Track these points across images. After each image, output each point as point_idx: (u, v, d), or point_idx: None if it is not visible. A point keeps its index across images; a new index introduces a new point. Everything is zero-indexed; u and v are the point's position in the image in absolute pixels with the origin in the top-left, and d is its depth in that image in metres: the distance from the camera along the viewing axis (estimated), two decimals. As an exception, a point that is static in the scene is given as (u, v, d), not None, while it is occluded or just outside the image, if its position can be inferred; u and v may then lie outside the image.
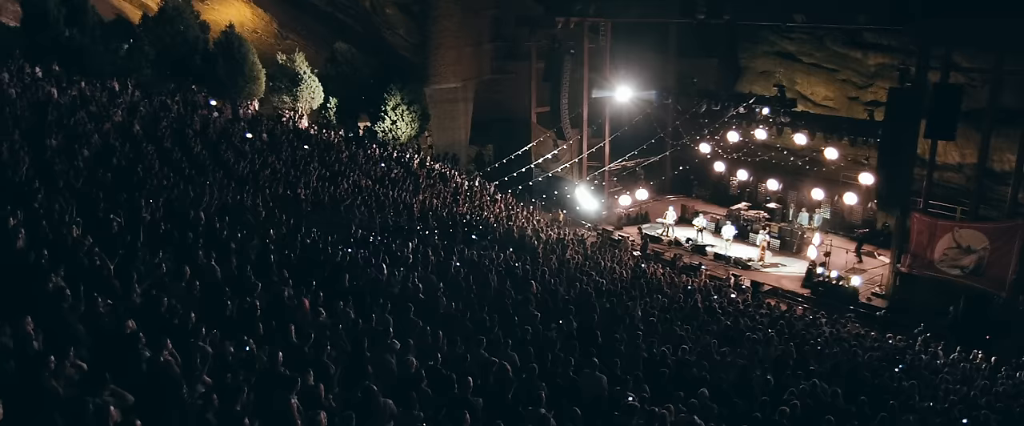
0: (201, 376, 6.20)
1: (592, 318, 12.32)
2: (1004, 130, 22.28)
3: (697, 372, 10.25)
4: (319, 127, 30.53)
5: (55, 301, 7.38)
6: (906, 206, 21.60)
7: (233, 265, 10.54)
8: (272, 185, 18.89)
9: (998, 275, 19.73)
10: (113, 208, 12.28)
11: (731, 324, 14.45)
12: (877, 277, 22.92)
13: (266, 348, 7.16)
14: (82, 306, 7.20)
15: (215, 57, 29.84)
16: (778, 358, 12.26)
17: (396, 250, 14.44)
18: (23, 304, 7.10)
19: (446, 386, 7.41)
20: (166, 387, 5.87)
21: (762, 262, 24.30)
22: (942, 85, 19.86)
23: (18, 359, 6.07)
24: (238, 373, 6.43)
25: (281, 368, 6.69)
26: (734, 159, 28.85)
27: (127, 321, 6.96)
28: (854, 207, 26.22)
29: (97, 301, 7.41)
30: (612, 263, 20.10)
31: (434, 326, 9.73)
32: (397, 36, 35.55)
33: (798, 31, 28.18)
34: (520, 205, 26.61)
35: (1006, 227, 20.12)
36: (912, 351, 15.36)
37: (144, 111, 22.87)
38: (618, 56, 29.45)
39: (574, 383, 8.72)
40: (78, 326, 6.90)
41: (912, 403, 10.66)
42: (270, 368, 6.69)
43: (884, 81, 26.31)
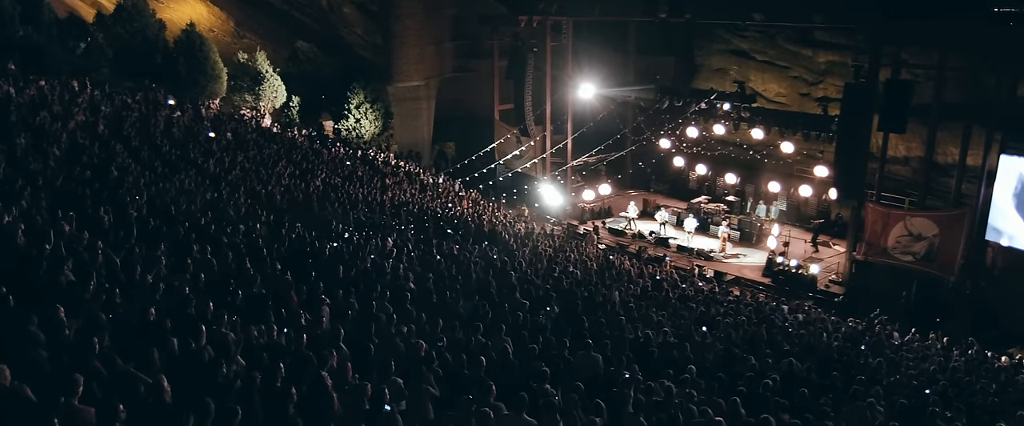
0: (235, 358, 6.47)
1: (575, 305, 12.79)
2: (948, 125, 23.39)
3: (680, 353, 10.78)
4: (282, 126, 30.47)
5: (69, 293, 7.56)
6: (861, 197, 22.55)
7: (230, 258, 10.72)
8: (245, 183, 18.97)
9: (947, 260, 20.81)
10: (98, 205, 12.33)
11: (704, 310, 15.04)
12: (834, 265, 23.91)
13: (283, 332, 7.43)
14: (103, 296, 7.37)
15: (176, 56, 29.61)
16: (751, 340, 12.87)
17: (378, 244, 14.70)
18: (37, 297, 7.28)
19: (458, 367, 7.77)
20: (202, 370, 6.13)
21: (723, 253, 25.09)
22: (893, 81, 20.82)
23: (50, 348, 6.26)
24: (267, 354, 6.70)
25: (306, 350, 6.98)
26: (693, 154, 29.67)
27: (149, 309, 7.16)
28: (809, 199, 27.21)
29: (115, 291, 7.59)
30: (581, 255, 20.61)
31: (430, 314, 10.07)
32: (355, 35, 35.59)
33: (752, 29, 29.02)
34: (486, 201, 26.99)
35: (954, 215, 21.21)
36: (871, 333, 16.15)
37: (106, 110, 22.68)
38: (580, 54, 30.02)
39: (570, 363, 9.16)
40: (101, 315, 7.08)
41: (878, 377, 11.34)
42: (297, 349, 6.98)
43: (834, 78, 27.35)
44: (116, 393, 5.06)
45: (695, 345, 11.48)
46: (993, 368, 14.66)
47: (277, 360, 6.46)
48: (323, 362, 6.68)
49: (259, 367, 6.28)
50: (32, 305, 6.89)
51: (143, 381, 5.50)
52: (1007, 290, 20.77)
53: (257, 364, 6.42)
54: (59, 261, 8.28)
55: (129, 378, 5.45)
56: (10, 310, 6.79)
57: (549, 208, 28.98)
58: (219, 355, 6.39)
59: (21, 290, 7.27)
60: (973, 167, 22.40)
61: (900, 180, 26.20)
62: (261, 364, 6.41)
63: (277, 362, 6.33)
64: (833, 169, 23.64)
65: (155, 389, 5.35)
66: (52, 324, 6.48)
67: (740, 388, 9.20)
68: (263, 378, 5.96)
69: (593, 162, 30.37)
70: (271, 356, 6.71)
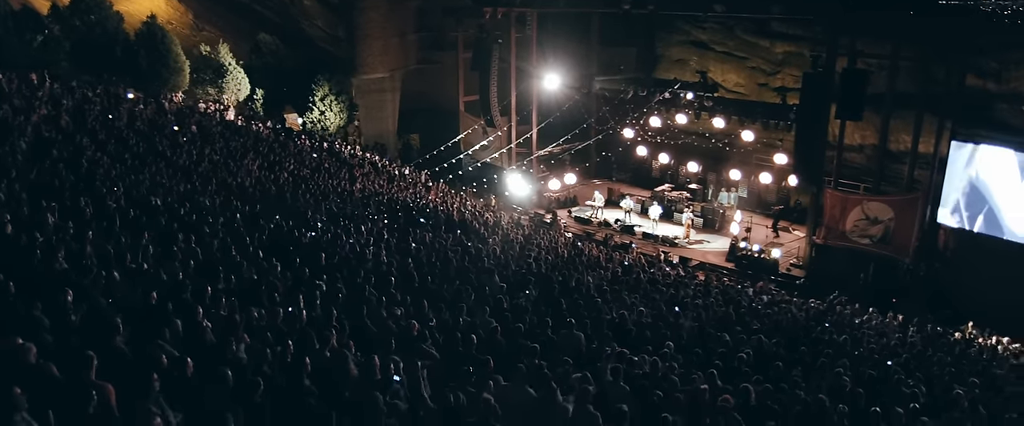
0: (241, 336, 6.67)
1: (552, 288, 13.14)
2: (900, 113, 24.25)
3: (656, 331, 11.20)
4: (246, 119, 30.32)
5: (67, 280, 7.68)
6: (820, 183, 23.29)
7: (215, 246, 10.85)
8: (215, 175, 18.96)
9: (902, 243, 21.65)
10: (76, 197, 12.34)
11: (673, 292, 15.50)
12: (794, 249, 24.66)
13: (286, 311, 7.65)
14: (103, 281, 7.51)
15: (137, 49, 29.26)
16: (721, 319, 13.35)
17: (354, 233, 14.89)
18: (35, 285, 7.39)
19: (451, 345, 8.06)
20: (209, 349, 6.33)
21: (688, 239, 25.68)
22: (850, 70, 21.53)
23: (55, 332, 6.40)
24: (271, 334, 6.92)
25: (308, 328, 7.21)
26: (656, 143, 30.22)
27: (151, 293, 7.33)
28: (769, 186, 27.93)
29: (113, 277, 7.73)
30: (551, 243, 20.97)
31: (415, 297, 10.34)
32: (316, 28, 35.47)
33: (711, 21, 29.57)
34: (453, 192, 27.23)
35: (908, 199, 22.07)
36: (833, 312, 16.80)
37: (67, 104, 22.44)
38: (544, 46, 30.34)
39: (554, 342, 9.50)
40: (102, 299, 7.22)
41: (843, 351, 11.90)
42: (300, 328, 7.20)
43: (791, 68, 28.07)
44: (141, 369, 5.25)
45: (669, 324, 11.93)
46: (948, 343, 15.40)
47: (282, 337, 6.68)
48: (325, 340, 6.92)
49: (265, 345, 6.50)
50: (32, 292, 7.01)
51: (168, 355, 5.69)
52: (958, 271, 21.72)
53: (262, 342, 6.64)
54: (52, 250, 8.36)
55: (153, 354, 5.63)
56: (11, 296, 6.90)
57: (516, 198, 29.30)
58: (226, 334, 6.59)
59: (19, 278, 7.38)
60: (925, 154, 23.30)
61: (856, 167, 27.04)
62: (266, 342, 6.63)
63: (284, 339, 6.56)
64: (792, 156, 24.35)
65: (179, 363, 5.56)
66: (58, 308, 6.61)
67: (716, 362, 9.62)
68: (274, 353, 6.18)
69: (558, 152, 30.76)
70: (275, 335, 6.93)
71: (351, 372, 6.32)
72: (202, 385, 5.35)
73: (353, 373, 6.25)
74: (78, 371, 4.99)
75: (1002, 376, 12.54)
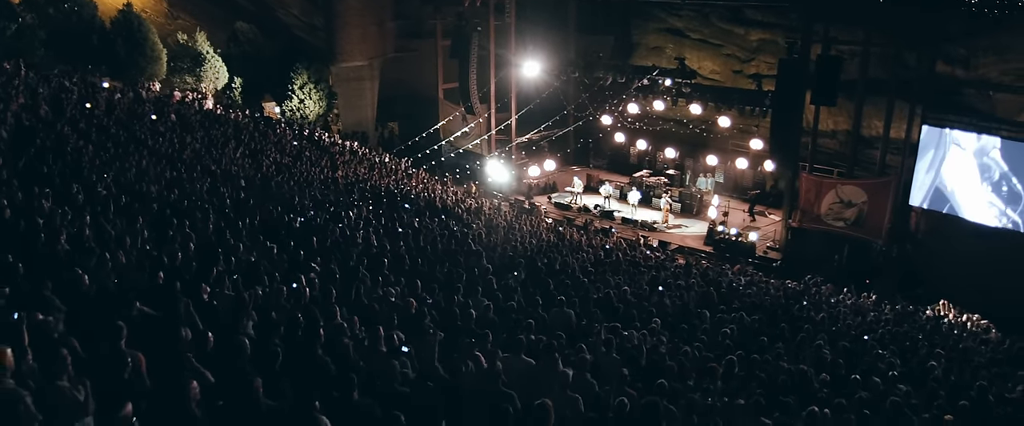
0: (250, 312, 6.88)
1: (538, 270, 13.44)
2: (873, 99, 24.80)
3: (642, 309, 11.55)
4: (225, 107, 30.22)
5: (72, 262, 7.83)
6: (796, 167, 23.80)
7: (210, 230, 11.01)
8: (200, 162, 19.00)
9: (875, 225, 22.23)
10: (67, 184, 12.40)
11: (655, 274, 15.88)
12: (771, 233, 25.18)
13: (290, 287, 7.87)
14: (109, 262, 7.67)
15: (113, 37, 29.03)
16: (703, 298, 13.74)
17: (342, 218, 15.06)
18: (40, 265, 7.53)
19: (449, 321, 8.32)
20: (222, 324, 6.54)
21: (666, 224, 26.10)
22: (824, 57, 22.00)
23: (70, 309, 6.57)
24: (275, 313, 7.14)
25: (313, 306, 7.44)
26: (634, 130, 30.60)
27: (157, 273, 7.51)
28: (745, 171, 28.44)
29: (118, 258, 7.89)
30: (532, 228, 21.27)
31: (409, 277, 10.58)
32: (291, 16, 35.35)
33: (686, 8, 29.97)
34: (435, 179, 27.41)
35: (881, 183, 22.64)
36: (809, 293, 17.27)
37: (44, 93, 22.30)
38: (523, 34, 30.54)
39: (545, 319, 9.79)
40: (112, 279, 7.40)
41: (822, 327, 12.33)
42: (305, 305, 7.43)
43: (765, 55, 28.55)
44: (164, 339, 5.45)
45: (654, 303, 12.28)
46: (920, 319, 15.93)
47: (287, 314, 6.90)
48: (330, 316, 7.15)
49: (273, 321, 6.72)
50: (40, 272, 7.15)
51: (191, 327, 5.90)
52: (929, 252, 22.39)
53: (269, 318, 6.86)
54: (54, 233, 8.49)
55: (176, 326, 5.83)
56: (20, 277, 7.04)
57: (496, 185, 29.55)
58: (236, 310, 6.80)
59: (24, 260, 7.52)
60: (896, 139, 23.87)
61: (829, 153, 27.59)
62: (273, 318, 6.85)
63: (290, 315, 6.79)
64: (768, 142, 24.82)
65: (201, 336, 5.76)
66: (67, 287, 6.77)
67: (702, 337, 9.98)
68: (285, 327, 6.41)
69: (537, 139, 31.03)
70: (279, 312, 7.15)
71: (361, 344, 6.55)
72: (224, 356, 5.56)
73: (363, 344, 6.49)
74: (111, 340, 5.19)
75: (972, 348, 13.06)
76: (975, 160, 21.79)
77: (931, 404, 8.11)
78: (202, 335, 5.83)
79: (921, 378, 9.42)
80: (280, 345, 5.89)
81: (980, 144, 21.66)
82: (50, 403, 4.23)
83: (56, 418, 4.18)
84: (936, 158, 22.51)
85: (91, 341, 5.43)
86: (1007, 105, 23.03)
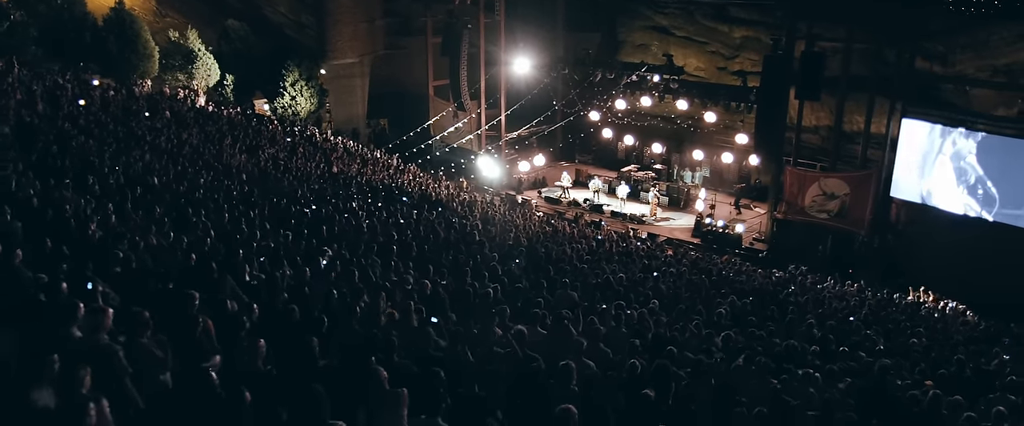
0: (282, 290, 7.34)
1: (538, 258, 13.95)
2: (854, 95, 25.47)
3: (637, 294, 12.09)
4: (217, 105, 30.48)
5: (106, 246, 8.25)
6: (780, 161, 24.48)
7: (226, 220, 11.43)
8: (200, 157, 19.36)
9: (858, 216, 22.96)
10: (81, 176, 12.76)
11: (647, 263, 16.45)
12: (756, 225, 25.88)
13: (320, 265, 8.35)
14: (141, 246, 8.10)
15: (106, 35, 29.21)
16: (695, 285, 14.32)
17: (345, 210, 15.51)
18: (79, 252, 7.95)
19: (464, 301, 8.81)
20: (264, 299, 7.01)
21: (654, 217, 26.72)
22: (808, 53, 22.67)
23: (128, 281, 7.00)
24: (308, 288, 7.61)
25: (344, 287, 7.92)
26: (622, 125, 31.17)
27: (190, 255, 7.95)
28: (731, 165, 29.11)
29: (150, 241, 8.32)
30: (525, 221, 21.78)
31: (418, 263, 11.05)
32: (279, 13, 35.64)
33: (671, 6, 30.58)
34: (427, 174, 27.85)
35: (862, 175, 23.37)
36: (796, 280, 17.91)
37: (39, 90, 22.54)
38: (512, 31, 31.04)
39: (549, 300, 10.30)
40: (147, 261, 7.83)
41: (808, 310, 12.94)
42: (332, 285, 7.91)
43: (749, 52, 29.21)
44: (215, 313, 5.92)
45: (648, 288, 12.83)
46: (901, 304, 16.62)
47: (321, 289, 7.38)
48: (357, 293, 7.63)
49: (308, 296, 7.20)
50: (79, 256, 7.57)
51: (236, 300, 6.36)
52: (910, 242, 23.13)
53: (302, 294, 7.33)
54: (84, 220, 8.90)
55: (222, 300, 6.28)
56: (66, 257, 7.46)
57: (487, 180, 30.04)
58: (271, 287, 7.26)
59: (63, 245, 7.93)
60: (877, 134, 24.58)
61: (812, 148, 28.28)
62: (307, 294, 7.33)
63: (326, 289, 7.26)
64: (753, 136, 25.48)
65: (247, 308, 6.22)
66: (108, 270, 7.19)
67: (698, 317, 10.53)
68: (322, 303, 6.88)
69: (526, 135, 31.55)
70: (311, 289, 7.62)
71: (393, 318, 7.02)
72: (272, 324, 6.02)
73: (395, 318, 6.96)
74: (183, 306, 5.67)
75: (950, 328, 13.73)
76: (952, 164, 22.50)
77: (913, 372, 8.71)
78: (247, 306, 6.28)
79: (904, 353, 10.03)
80: (323, 314, 6.36)
81: (956, 149, 22.39)
82: (136, 357, 4.68)
83: (143, 370, 4.63)
84: (927, 162, 23.20)
85: (153, 309, 5.87)
86: (984, 100, 23.81)
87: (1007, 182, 21.44)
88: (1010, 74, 23.15)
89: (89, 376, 3.77)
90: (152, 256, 8.00)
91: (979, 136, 21.93)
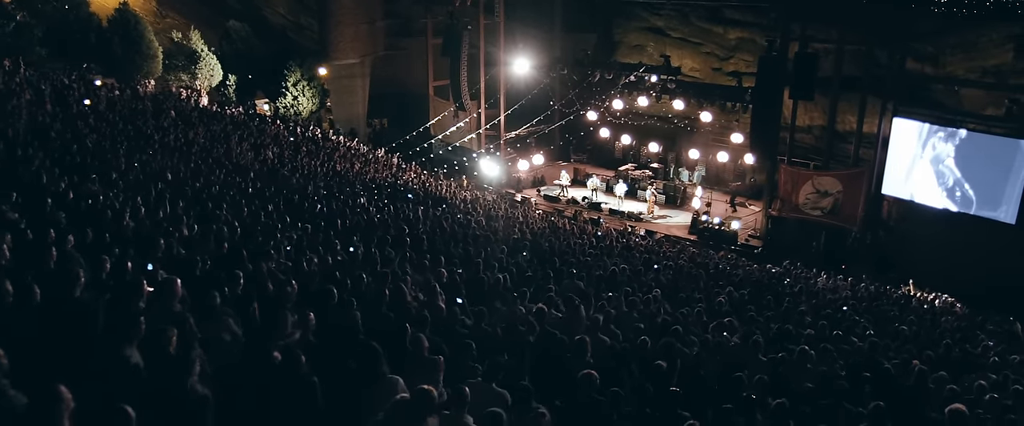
0: (315, 275, 7.85)
1: (544, 251, 14.47)
2: (846, 96, 26.06)
3: (640, 284, 12.62)
4: (220, 104, 30.92)
5: (141, 234, 8.73)
6: (775, 159, 25.07)
7: (245, 213, 11.92)
8: (211, 154, 19.81)
9: (850, 213, 23.57)
10: (104, 170, 13.23)
11: (648, 257, 16.96)
12: (751, 222, 26.48)
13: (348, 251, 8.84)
14: (176, 235, 8.60)
15: (110, 35, 29.62)
16: (693, 277, 14.85)
17: (355, 205, 16.00)
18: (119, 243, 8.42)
19: (479, 288, 9.32)
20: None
21: (652, 214, 27.29)
22: (801, 54, 23.25)
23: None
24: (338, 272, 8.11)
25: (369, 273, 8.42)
26: (619, 125, 31.73)
27: (223, 243, 8.44)
28: (726, 164, 29.67)
29: (182, 230, 8.81)
30: (526, 217, 22.30)
31: (431, 255, 11.54)
32: (278, 14, 36.14)
33: (667, 8, 31.13)
34: (428, 173, 28.35)
35: (854, 173, 23.99)
36: (791, 274, 18.49)
37: (47, 90, 22.97)
38: (512, 32, 31.55)
39: (557, 290, 10.81)
40: (180, 250, 8.32)
41: (802, 299, 13.49)
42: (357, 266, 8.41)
43: (743, 53, 29.77)
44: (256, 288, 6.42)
45: (650, 278, 13.36)
46: (892, 295, 17.19)
47: (349, 276, 7.88)
48: (382, 278, 8.12)
49: (339, 280, 7.70)
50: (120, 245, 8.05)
51: (273, 281, 6.85)
52: (901, 238, 23.73)
53: (334, 277, 7.84)
54: (119, 212, 9.37)
55: (263, 282, 6.78)
56: (106, 245, 7.93)
57: (487, 178, 30.54)
58: (297, 273, 7.76)
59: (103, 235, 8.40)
60: (869, 133, 25.17)
61: (805, 147, 28.86)
62: (338, 278, 7.82)
63: (354, 274, 7.76)
64: (748, 136, 26.05)
65: (288, 281, 6.72)
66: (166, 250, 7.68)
67: (699, 305, 11.06)
68: (350, 287, 7.38)
69: (525, 135, 32.07)
70: (341, 272, 8.11)
71: (420, 299, 7.53)
72: (311, 301, 6.51)
73: (420, 299, 7.46)
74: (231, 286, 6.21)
75: (939, 316, 14.30)
76: (932, 168, 23.09)
77: (901, 351, 9.26)
78: (283, 284, 6.77)
79: (893, 337, 10.58)
80: (354, 295, 6.87)
81: (936, 153, 22.95)
82: (204, 325, 5.17)
83: (210, 336, 5.12)
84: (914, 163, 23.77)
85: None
86: (973, 100, 24.41)
87: (983, 184, 22.03)
88: (998, 75, 23.73)
89: (176, 336, 4.26)
90: (186, 246, 8.48)
91: (957, 140, 22.48)
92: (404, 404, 4.24)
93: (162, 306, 5.19)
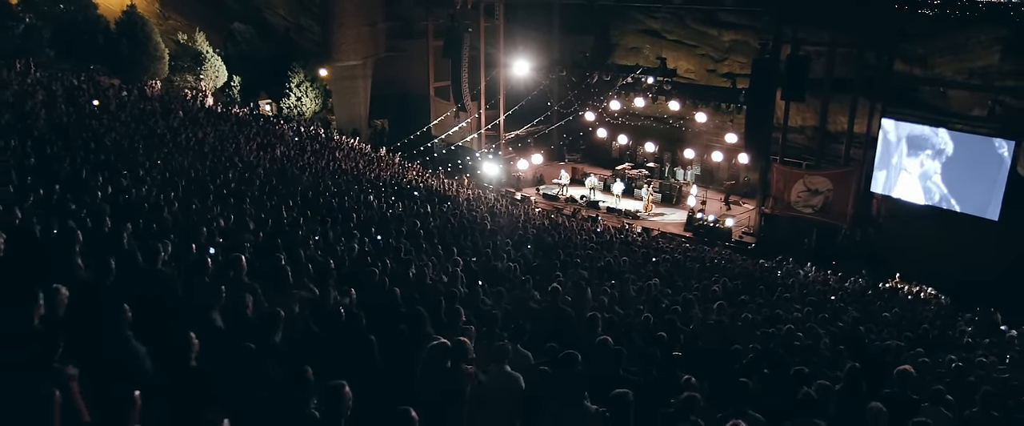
0: (344, 260, 8.55)
1: (548, 244, 15.18)
2: (837, 97, 26.80)
3: (640, 274, 13.34)
4: (225, 105, 31.55)
5: (179, 224, 9.41)
6: (768, 159, 25.83)
7: (268, 207, 12.60)
8: (222, 153, 20.44)
9: (840, 211, 24.34)
10: (131, 168, 13.89)
11: (645, 251, 17.69)
12: (745, 219, 27.24)
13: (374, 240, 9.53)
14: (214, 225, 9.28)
15: (118, 37, 30.23)
16: (690, 271, 15.58)
17: (366, 201, 16.68)
18: (154, 232, 9.09)
19: (491, 276, 10.02)
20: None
21: (648, 212, 28.04)
22: (793, 57, 23.98)
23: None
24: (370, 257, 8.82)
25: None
26: (616, 125, 32.47)
27: (259, 233, 9.13)
28: (721, 163, 30.44)
29: (218, 221, 9.50)
30: (527, 214, 23.02)
31: (444, 246, 12.25)
32: (278, 16, 36.79)
33: (663, 10, 31.84)
34: (430, 172, 29.05)
35: (844, 172, 24.74)
36: (783, 268, 19.24)
37: (58, 91, 23.58)
38: (512, 35, 32.27)
39: (563, 277, 11.53)
40: (218, 238, 9.00)
41: (793, 290, 14.23)
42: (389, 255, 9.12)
43: (737, 55, 30.49)
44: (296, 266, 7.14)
45: (649, 270, 14.08)
46: (880, 289, 17.95)
47: (380, 258, 8.59)
48: (406, 264, 8.83)
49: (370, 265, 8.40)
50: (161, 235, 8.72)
51: (313, 263, 7.56)
52: (889, 235, 24.52)
53: (365, 263, 8.54)
54: (158, 204, 10.05)
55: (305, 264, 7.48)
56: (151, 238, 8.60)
57: (487, 178, 31.25)
58: (328, 257, 8.46)
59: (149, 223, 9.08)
60: (859, 134, 25.91)
61: (798, 147, 29.59)
62: (368, 263, 8.52)
63: (385, 259, 8.47)
64: (742, 136, 26.81)
65: (326, 264, 7.42)
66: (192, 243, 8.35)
67: (695, 292, 11.79)
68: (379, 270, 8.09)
69: (524, 135, 32.79)
70: (373, 257, 8.82)
71: (443, 281, 8.24)
72: (350, 280, 7.21)
73: (444, 280, 8.17)
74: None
75: (922, 305, 15.06)
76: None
77: (882, 332, 10.00)
78: (324, 265, 7.48)
79: (875, 321, 11.33)
80: (387, 277, 7.58)
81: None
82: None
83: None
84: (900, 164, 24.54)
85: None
86: (961, 101, 25.19)
87: (967, 182, 22.77)
88: (985, 76, 24.47)
89: (252, 302, 4.94)
90: (225, 236, 9.16)
91: (943, 140, 23.20)
92: (443, 348, 4.94)
93: (233, 278, 5.88)
